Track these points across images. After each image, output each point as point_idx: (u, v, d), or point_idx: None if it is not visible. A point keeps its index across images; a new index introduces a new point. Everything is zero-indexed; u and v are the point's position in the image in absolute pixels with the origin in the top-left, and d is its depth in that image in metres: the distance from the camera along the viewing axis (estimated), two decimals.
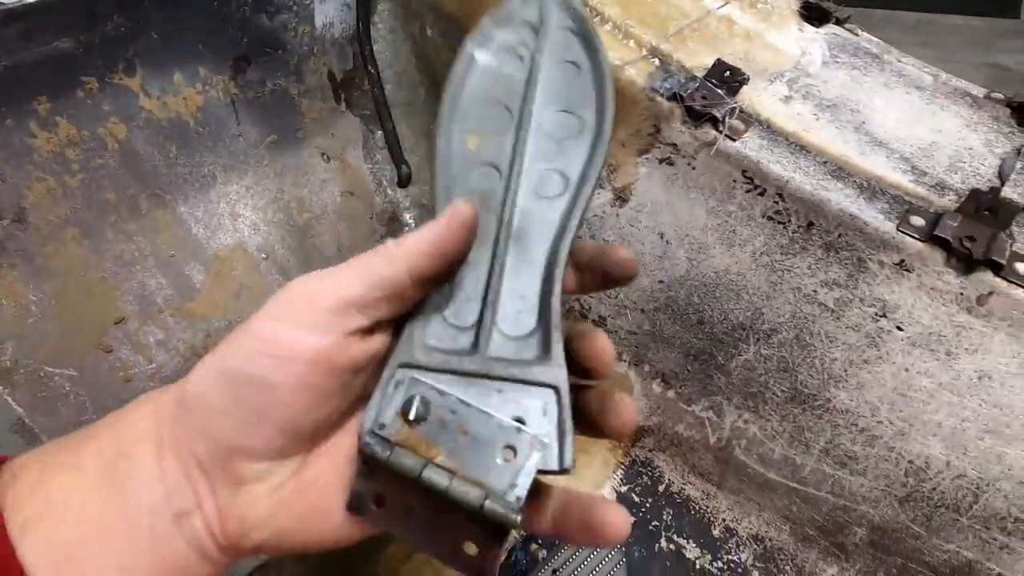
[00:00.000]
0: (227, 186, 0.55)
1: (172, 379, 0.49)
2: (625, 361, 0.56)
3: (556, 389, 0.25)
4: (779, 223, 0.46)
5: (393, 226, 0.66)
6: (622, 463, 0.60)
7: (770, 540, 0.53)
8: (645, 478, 0.59)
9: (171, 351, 0.49)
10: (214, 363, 0.23)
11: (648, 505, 0.57)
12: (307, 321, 0.22)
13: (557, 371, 0.25)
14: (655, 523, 0.56)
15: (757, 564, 0.52)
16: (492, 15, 0.36)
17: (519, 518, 0.22)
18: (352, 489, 0.25)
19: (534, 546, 0.55)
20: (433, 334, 0.27)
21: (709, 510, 0.56)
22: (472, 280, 0.28)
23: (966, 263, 0.40)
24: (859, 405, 0.45)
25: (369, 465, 0.24)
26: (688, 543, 0.55)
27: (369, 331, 0.24)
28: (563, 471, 0.24)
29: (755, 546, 0.53)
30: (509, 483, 0.23)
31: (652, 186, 0.51)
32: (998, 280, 0.39)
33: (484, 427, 0.24)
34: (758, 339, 0.48)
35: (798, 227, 0.46)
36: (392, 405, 0.24)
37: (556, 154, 0.32)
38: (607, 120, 0.33)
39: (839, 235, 0.44)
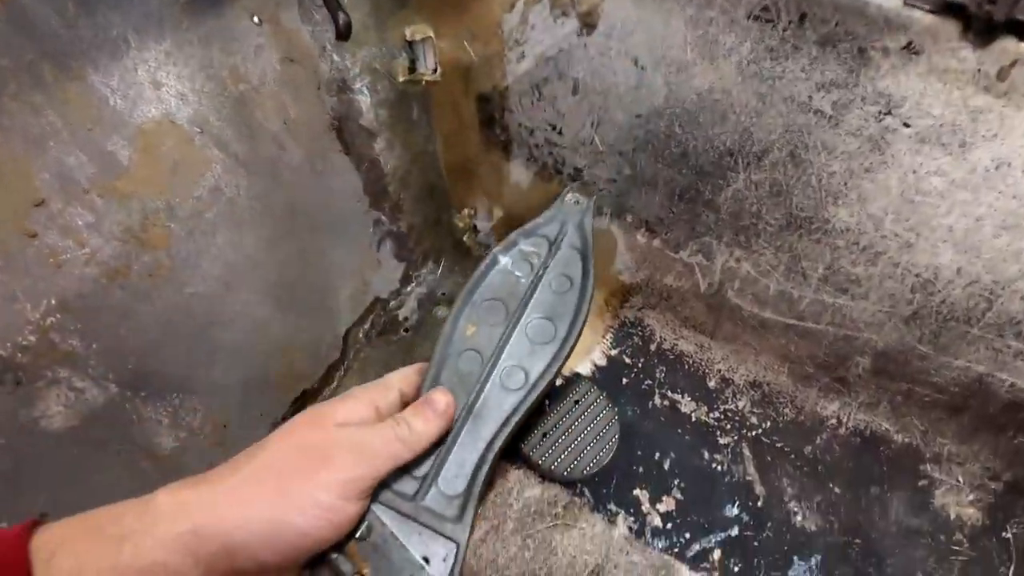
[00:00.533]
0: (143, 52, 0.49)
1: (109, 265, 0.45)
2: (606, 214, 0.52)
3: (458, 545, 0.34)
4: (767, 22, 0.40)
5: (344, 96, 0.60)
6: (611, 326, 0.57)
7: (768, 384, 0.50)
8: (636, 338, 0.56)
9: (105, 234, 0.45)
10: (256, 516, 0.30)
11: (640, 365, 0.55)
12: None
13: (462, 533, 0.34)
14: (648, 382, 0.54)
15: (755, 410, 0.50)
16: (522, 229, 0.47)
17: None
18: (303, 571, 0.33)
19: None
20: (395, 477, 0.35)
21: (703, 363, 0.53)
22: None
23: (985, 31, 0.34)
24: (861, 221, 0.40)
25: (316, 562, 0.33)
26: (683, 398, 0.53)
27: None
28: None
29: (752, 392, 0.51)
30: None
31: (621, 2, 0.44)
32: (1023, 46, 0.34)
33: (400, 558, 0.33)
34: (747, 164, 0.43)
35: (788, 23, 0.39)
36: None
37: (527, 355, 0.41)
38: (573, 335, 0.41)
39: (836, 24, 0.38)
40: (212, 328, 0.49)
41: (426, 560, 0.33)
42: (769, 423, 0.50)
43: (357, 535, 0.33)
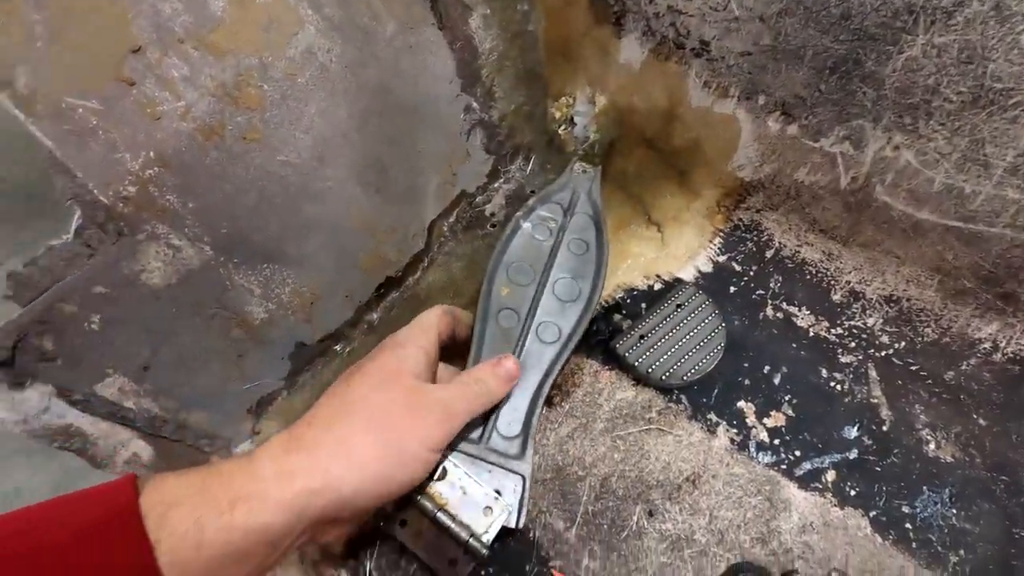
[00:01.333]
0: None
1: (205, 121, 0.43)
2: (733, 96, 0.45)
3: (523, 478, 0.40)
4: None
5: None
6: (721, 230, 0.52)
7: (908, 300, 0.44)
8: (750, 244, 0.50)
9: (200, 89, 0.43)
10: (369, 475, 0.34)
11: (752, 273, 0.49)
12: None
13: (526, 467, 0.41)
14: (759, 292, 0.49)
15: (888, 328, 0.44)
16: (537, 196, 0.55)
17: (487, 552, 0.37)
18: (390, 512, 0.39)
19: (617, 316, 0.50)
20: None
21: (830, 272, 0.47)
22: None
23: None
24: None
25: (402, 502, 0.39)
26: (800, 310, 0.47)
27: None
28: (517, 529, 0.39)
29: (887, 308, 0.45)
30: (484, 529, 0.38)
31: None
32: None
33: (476, 492, 0.39)
34: (931, 23, 0.35)
35: None
36: None
37: (558, 311, 0.47)
38: (595, 296, 0.47)
39: None
40: (303, 201, 0.48)
41: (498, 492, 0.39)
42: (904, 344, 0.44)
43: (435, 477, 0.39)
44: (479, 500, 0.39)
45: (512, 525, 0.39)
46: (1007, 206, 0.36)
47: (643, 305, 0.50)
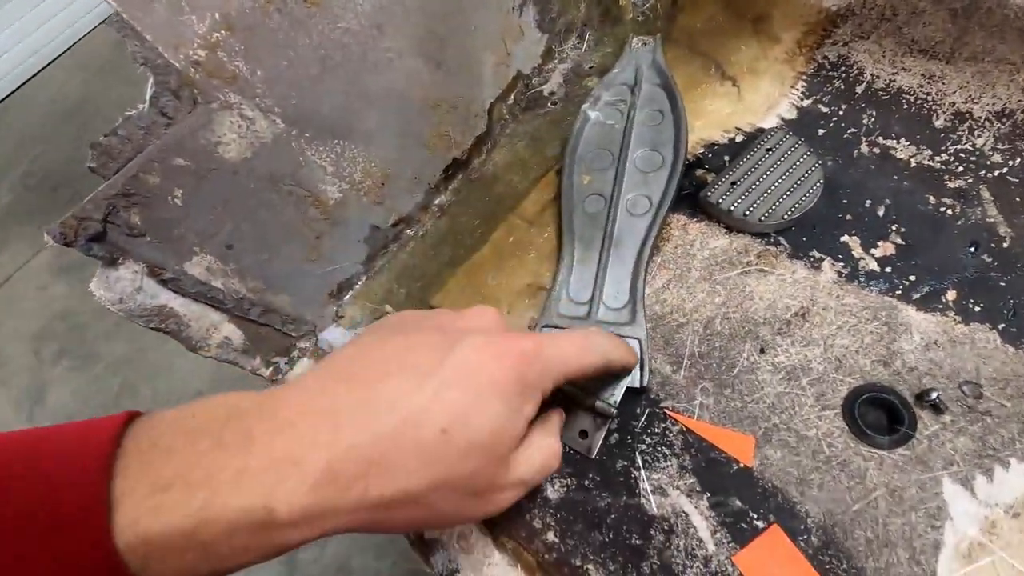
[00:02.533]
0: None
1: None
2: None
3: (640, 340, 0.41)
4: None
5: None
6: (803, 73, 0.49)
7: (1023, 112, 0.41)
8: (837, 82, 0.47)
9: None
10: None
11: (842, 112, 0.47)
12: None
13: (640, 329, 0.41)
14: (852, 130, 0.46)
15: (999, 146, 0.41)
16: (602, 82, 0.54)
17: (615, 411, 0.37)
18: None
19: (699, 171, 0.48)
20: (563, 306, 0.44)
21: (931, 97, 0.44)
22: (587, 272, 0.45)
23: None
24: None
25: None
26: (899, 142, 0.44)
27: None
28: (643, 389, 0.39)
29: (999, 124, 0.42)
30: (610, 392, 0.38)
31: None
32: None
33: None
34: None
35: None
36: None
37: (643, 183, 0.47)
38: (680, 157, 0.47)
39: None
40: (367, 72, 0.46)
41: None
42: (1020, 160, 0.41)
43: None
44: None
45: (637, 384, 0.39)
46: None
47: (726, 158, 0.47)
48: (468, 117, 0.54)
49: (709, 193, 0.44)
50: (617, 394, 0.38)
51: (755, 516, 0.34)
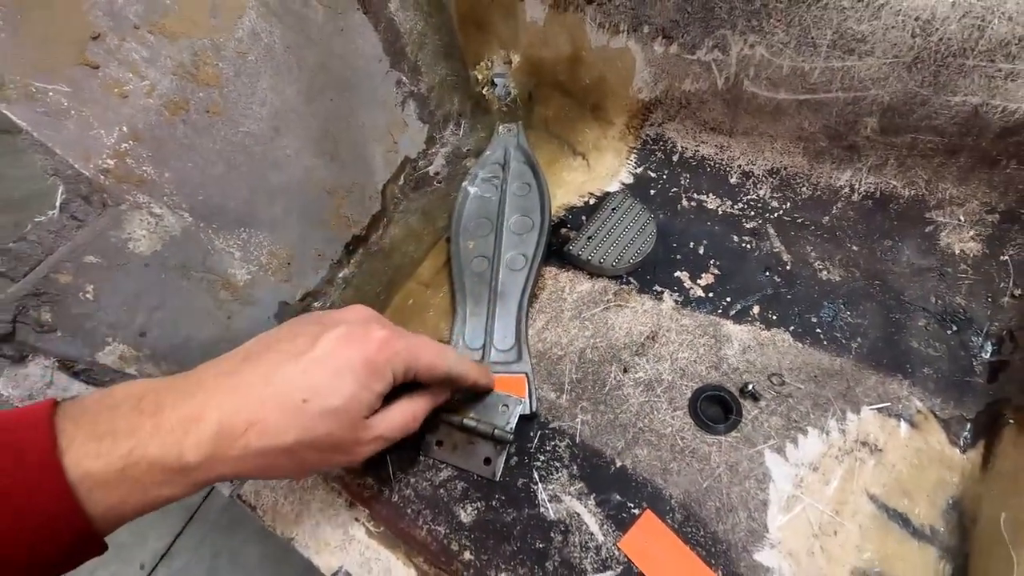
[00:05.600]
0: None
1: (169, 98, 0.47)
2: (623, 31, 0.55)
3: (527, 374, 0.48)
4: None
5: None
6: (633, 148, 0.61)
7: (785, 168, 0.55)
8: (658, 153, 0.60)
9: (161, 69, 0.47)
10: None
11: (665, 176, 0.59)
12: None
13: (526, 365, 0.49)
14: (674, 189, 0.58)
15: (775, 195, 0.55)
16: (478, 162, 0.64)
17: (511, 436, 0.44)
18: (425, 440, 0.47)
19: (563, 230, 0.58)
20: (460, 352, 0.49)
21: (724, 161, 0.58)
22: (479, 322, 0.52)
23: None
24: None
25: (434, 423, 0.46)
26: (708, 196, 0.57)
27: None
28: (534, 414, 0.47)
29: (771, 179, 0.56)
30: (505, 421, 0.44)
31: None
32: None
33: (491, 397, 0.46)
34: None
35: None
36: None
37: (519, 243, 0.56)
38: (547, 219, 0.57)
39: None
40: (267, 169, 0.52)
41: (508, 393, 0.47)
42: (789, 204, 0.55)
43: (454, 396, 0.45)
44: (495, 403, 0.46)
45: (528, 411, 0.46)
46: (835, 74, 0.48)
47: (583, 217, 0.58)
48: (364, 199, 0.61)
49: (571, 247, 0.54)
50: (512, 422, 0.44)
51: (632, 505, 0.42)
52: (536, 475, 0.44)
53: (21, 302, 0.40)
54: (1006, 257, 0.48)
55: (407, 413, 0.39)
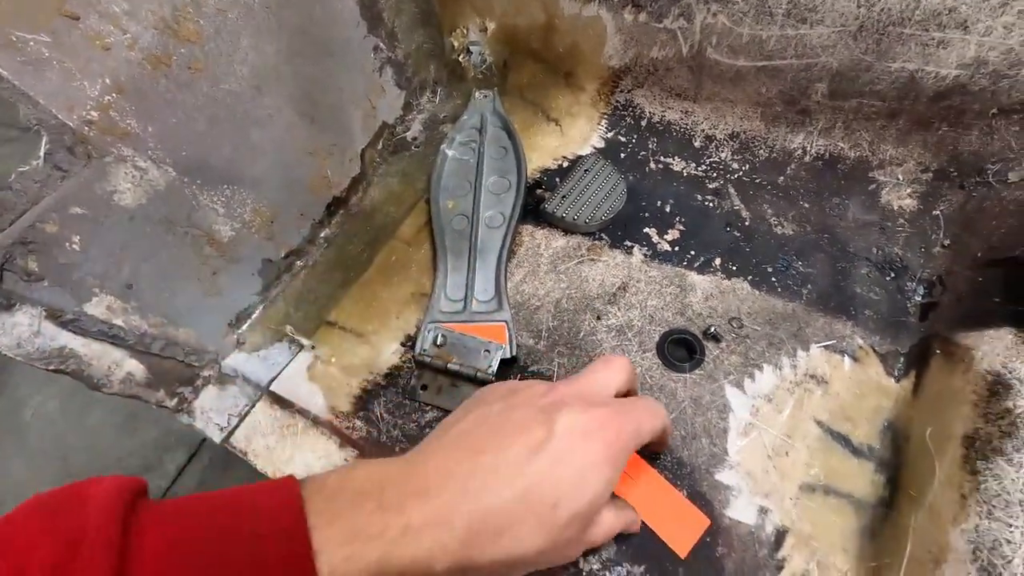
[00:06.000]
0: None
1: (151, 52, 0.47)
2: (594, 1, 0.58)
3: (507, 322, 0.51)
4: None
5: None
6: (604, 113, 0.64)
7: (744, 132, 0.59)
8: (628, 119, 0.63)
9: (142, 22, 0.47)
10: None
11: (634, 140, 0.63)
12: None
13: (506, 314, 0.51)
14: (642, 153, 0.62)
15: (735, 157, 0.59)
16: (455, 127, 0.67)
17: (493, 378, 0.47)
18: (411, 385, 0.50)
19: (539, 191, 0.61)
20: (443, 304, 0.53)
21: (689, 126, 0.61)
22: (460, 276, 0.55)
23: None
24: None
25: (419, 368, 0.50)
26: (674, 160, 0.61)
27: None
28: (514, 359, 0.49)
29: (732, 143, 0.60)
30: (487, 365, 0.48)
31: None
32: None
33: (472, 343, 0.49)
34: None
35: None
36: (428, 340, 0.50)
37: (497, 202, 0.59)
38: (523, 180, 0.60)
39: None
40: (250, 127, 0.53)
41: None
42: (748, 165, 0.59)
43: (438, 343, 0.49)
44: (477, 348, 0.48)
45: (508, 356, 0.49)
46: (789, 42, 0.52)
47: (557, 179, 0.61)
48: (344, 161, 0.62)
49: (547, 206, 0.57)
50: (493, 365, 0.47)
51: None
52: None
53: (8, 250, 0.40)
54: (938, 212, 0.53)
55: (615, 522, 0.37)
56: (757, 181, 0.58)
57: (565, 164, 0.63)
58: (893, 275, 0.51)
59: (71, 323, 0.44)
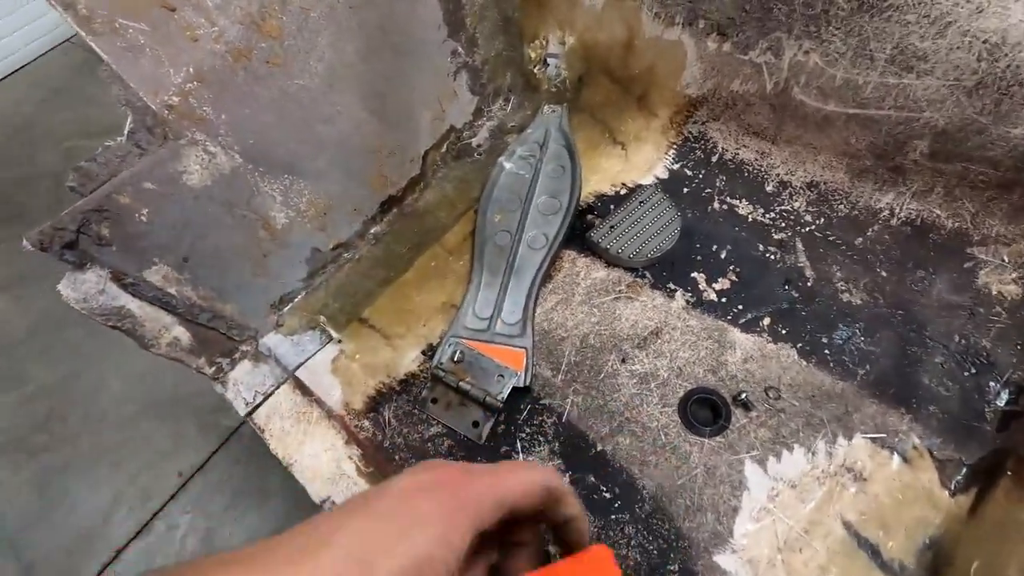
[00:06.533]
0: None
1: (235, 45, 0.50)
2: (678, 24, 0.54)
3: (526, 349, 0.50)
4: None
5: None
6: (673, 143, 0.61)
7: (825, 183, 0.53)
8: (698, 152, 0.59)
9: (231, 17, 0.50)
10: None
11: (701, 176, 0.59)
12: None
13: (527, 340, 0.50)
14: (707, 190, 0.58)
15: (810, 209, 0.54)
16: (518, 139, 0.66)
17: (501, 405, 0.46)
18: (423, 396, 0.50)
19: (589, 216, 0.59)
20: (469, 320, 0.53)
21: (763, 168, 0.56)
22: (491, 293, 0.54)
23: None
24: None
25: (433, 382, 0.50)
26: (741, 202, 0.56)
27: None
28: (527, 388, 0.49)
29: (809, 193, 0.54)
30: (498, 391, 0.47)
31: None
32: None
33: (489, 365, 0.49)
34: None
35: None
36: (447, 354, 0.50)
37: (543, 223, 0.58)
38: (574, 204, 0.58)
39: None
40: (317, 122, 0.55)
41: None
42: (823, 220, 0.53)
43: (455, 359, 0.49)
44: (492, 371, 0.48)
45: (521, 385, 0.48)
46: (890, 91, 0.46)
47: (611, 206, 0.58)
48: (404, 162, 0.64)
49: (593, 234, 0.55)
50: (504, 392, 0.46)
51: (604, 489, 0.43)
52: (519, 445, 0.46)
53: (86, 215, 0.45)
54: None
55: None
56: (831, 238, 0.52)
57: (623, 191, 0.60)
58: (974, 371, 0.45)
59: (131, 286, 0.49)
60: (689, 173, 0.59)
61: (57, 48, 2.74)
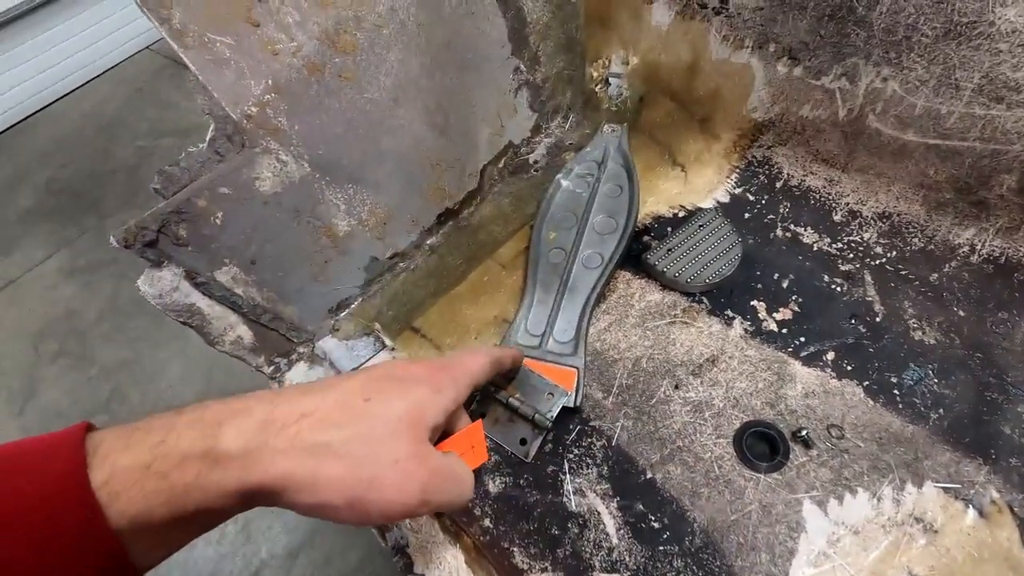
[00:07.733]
0: None
1: (311, 59, 0.52)
2: (747, 47, 0.53)
3: (578, 369, 0.49)
4: None
5: None
6: (736, 167, 0.60)
7: (898, 215, 0.51)
8: (762, 177, 0.58)
9: (308, 33, 0.52)
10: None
11: (764, 201, 0.57)
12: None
13: (579, 360, 0.50)
14: (770, 217, 0.56)
15: (881, 241, 0.52)
16: (576, 157, 0.66)
17: (550, 424, 0.46)
18: (471, 410, 0.48)
19: (646, 237, 0.58)
20: (520, 336, 0.53)
21: (831, 196, 0.54)
22: (544, 311, 0.54)
23: None
24: None
25: (482, 396, 0.49)
26: (806, 230, 0.55)
27: None
28: (577, 408, 0.48)
29: (880, 224, 0.52)
30: (547, 409, 0.46)
31: None
32: None
33: (539, 383, 0.48)
34: None
35: None
36: None
37: (599, 242, 0.57)
38: (631, 225, 0.57)
39: None
40: (382, 134, 0.57)
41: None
42: (895, 253, 0.51)
43: (508, 378, 0.49)
44: (542, 389, 0.48)
45: (571, 404, 0.47)
46: (976, 122, 0.44)
47: (668, 228, 0.58)
48: (463, 175, 0.65)
49: (650, 256, 0.54)
50: (554, 411, 0.46)
51: (652, 519, 0.42)
52: (567, 466, 0.45)
53: (166, 217, 0.47)
54: None
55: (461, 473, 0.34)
56: (903, 273, 0.50)
57: (681, 214, 0.59)
58: None
59: (202, 285, 0.51)
60: (752, 198, 0.58)
61: (142, 52, 2.93)
